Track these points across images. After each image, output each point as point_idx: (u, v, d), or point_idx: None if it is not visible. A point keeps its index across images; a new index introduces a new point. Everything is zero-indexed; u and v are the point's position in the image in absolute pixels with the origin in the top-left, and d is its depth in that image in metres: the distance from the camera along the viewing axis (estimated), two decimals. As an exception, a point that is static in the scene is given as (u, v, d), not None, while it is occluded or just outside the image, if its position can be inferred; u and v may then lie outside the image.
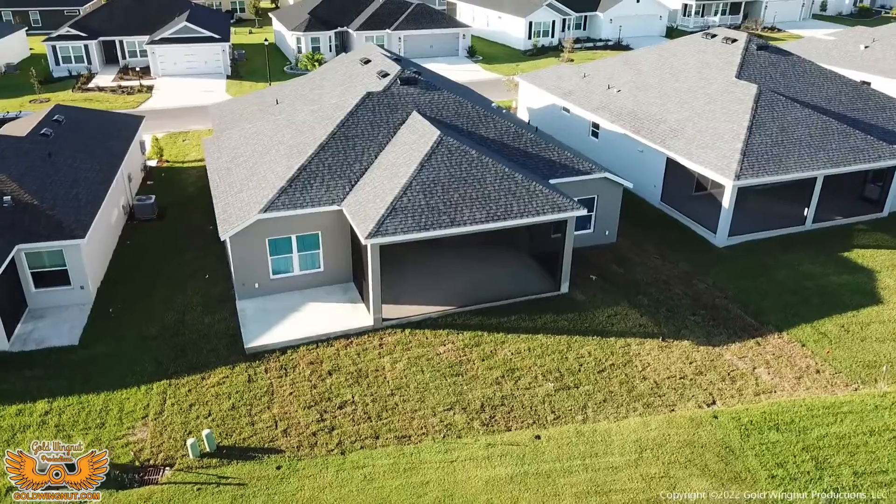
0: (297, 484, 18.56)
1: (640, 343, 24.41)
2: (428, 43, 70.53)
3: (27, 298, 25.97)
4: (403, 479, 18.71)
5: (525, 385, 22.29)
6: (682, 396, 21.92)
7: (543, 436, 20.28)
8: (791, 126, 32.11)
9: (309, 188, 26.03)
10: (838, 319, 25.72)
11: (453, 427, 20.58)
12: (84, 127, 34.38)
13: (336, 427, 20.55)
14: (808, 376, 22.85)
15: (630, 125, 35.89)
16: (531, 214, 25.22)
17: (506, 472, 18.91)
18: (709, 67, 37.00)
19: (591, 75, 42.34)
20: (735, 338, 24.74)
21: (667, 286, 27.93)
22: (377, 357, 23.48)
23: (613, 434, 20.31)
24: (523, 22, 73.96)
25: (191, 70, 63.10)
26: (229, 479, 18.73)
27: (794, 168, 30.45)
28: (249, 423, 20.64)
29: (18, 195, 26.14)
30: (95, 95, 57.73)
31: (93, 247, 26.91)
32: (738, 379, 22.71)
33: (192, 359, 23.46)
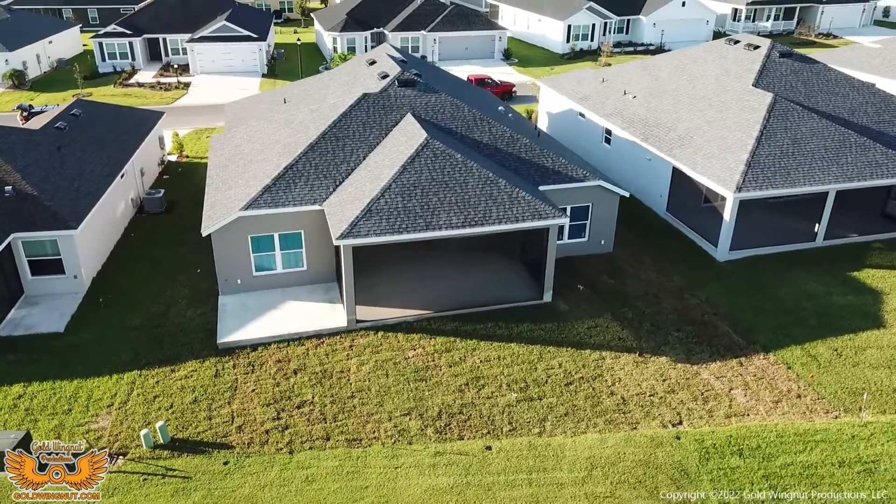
0: (240, 481, 18.71)
1: (615, 357, 23.71)
2: (463, 45, 70.39)
3: (24, 285, 26.99)
4: (344, 482, 18.65)
5: (487, 394, 21.93)
6: (648, 414, 21.18)
7: (495, 447, 19.90)
8: (804, 137, 30.70)
9: (293, 187, 26.26)
10: (833, 342, 24.44)
11: (406, 433, 20.40)
12: (100, 122, 35.56)
13: (290, 426, 20.64)
14: (788, 401, 21.77)
15: (640, 132, 34.98)
16: (510, 221, 24.82)
17: (448, 482, 18.63)
18: (727, 74, 35.73)
19: (610, 80, 41.45)
20: (717, 356, 23.78)
21: (656, 300, 27.07)
22: (345, 359, 23.49)
23: (567, 449, 19.78)
24: (561, 25, 73.04)
25: (228, 68, 64.62)
26: (176, 472, 19.02)
27: (802, 182, 29.10)
28: (207, 418, 20.93)
29: (20, 185, 27.20)
30: (134, 91, 59.74)
31: (89, 237, 27.75)
32: (711, 399, 21.82)
33: (167, 351, 23.95)
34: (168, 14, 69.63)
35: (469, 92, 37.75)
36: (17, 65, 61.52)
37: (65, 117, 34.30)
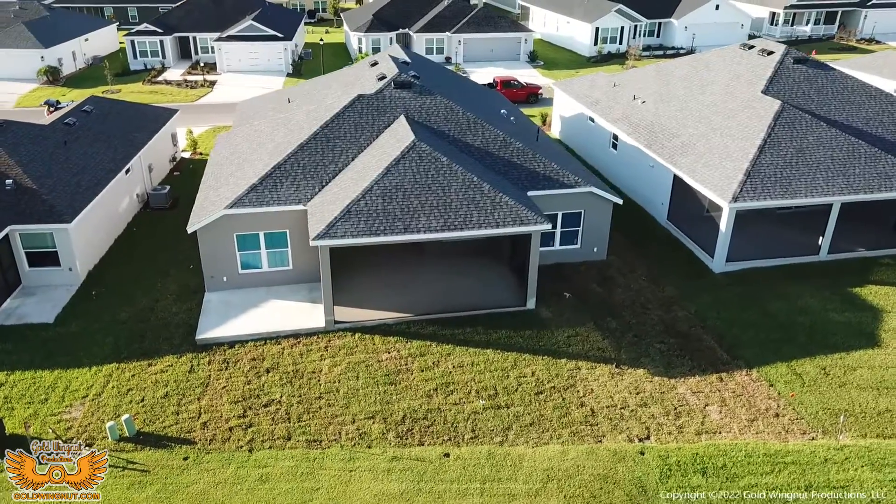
0: (196, 477, 18.92)
1: (591, 367, 23.27)
2: (488, 47, 70.10)
3: (21, 276, 27.78)
4: (296, 483, 18.69)
5: (455, 400, 21.74)
6: (616, 428, 20.71)
7: (453, 454, 19.71)
8: (810, 147, 29.68)
9: (279, 187, 26.47)
10: (822, 360, 23.56)
11: (366, 436, 20.36)
12: (111, 118, 36.41)
13: (254, 425, 20.79)
14: (764, 419, 21.05)
15: (644, 139, 34.30)
16: (491, 226, 24.57)
17: (399, 488, 18.52)
18: (738, 80, 34.77)
19: (622, 85, 40.78)
20: (697, 371, 23.15)
21: (644, 310, 26.49)
22: (318, 359, 23.56)
23: (526, 460, 19.47)
24: (589, 27, 72.16)
25: (254, 67, 65.58)
26: (136, 465, 19.33)
27: (804, 193, 28.13)
28: (175, 413, 21.22)
29: (21, 179, 28.00)
30: (161, 88, 61.07)
31: (85, 231, 28.41)
32: (684, 415, 21.23)
33: (147, 345, 24.37)
34: (199, 13, 71.03)
35: (475, 95, 37.54)
36: (53, 61, 63.42)
37: (76, 113, 35.24)
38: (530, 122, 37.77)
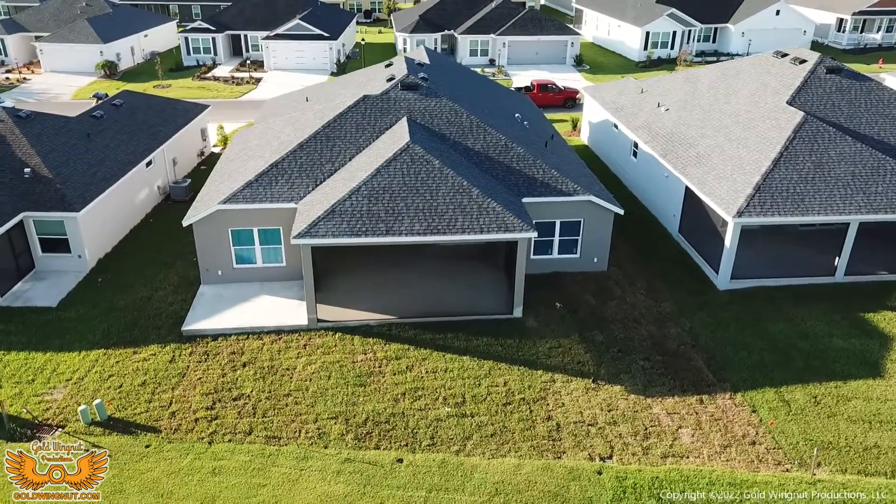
0: (153, 465, 19.37)
1: (566, 381, 22.68)
2: (533, 49, 69.38)
3: (35, 261, 29.10)
4: (246, 478, 18.90)
5: (420, 406, 21.56)
6: (579, 444, 20.11)
7: (407, 460, 19.55)
8: (831, 161, 28.12)
9: (274, 184, 26.85)
10: (815, 388, 22.27)
11: (325, 436, 20.41)
12: (139, 112, 37.72)
13: (220, 417, 21.14)
14: (738, 446, 20.05)
15: (660, 147, 33.26)
16: (475, 231, 24.27)
17: (344, 490, 18.49)
18: (765, 90, 33.27)
19: (649, 91, 39.65)
20: (677, 391, 22.25)
21: (634, 325, 25.65)
22: (295, 357, 23.77)
23: (479, 471, 19.13)
24: (639, 32, 70.48)
25: (299, 65, 66.85)
26: (97, 449, 19.90)
27: (817, 210, 26.66)
28: (147, 401, 21.79)
29: (39, 168, 29.31)
30: (209, 84, 62.97)
31: (95, 220, 29.51)
32: (653, 436, 20.43)
33: (137, 333, 25.11)
34: (252, 11, 72.90)
35: (493, 98, 37.16)
36: (111, 56, 66.25)
37: (104, 106, 36.68)
38: (550, 128, 37.13)
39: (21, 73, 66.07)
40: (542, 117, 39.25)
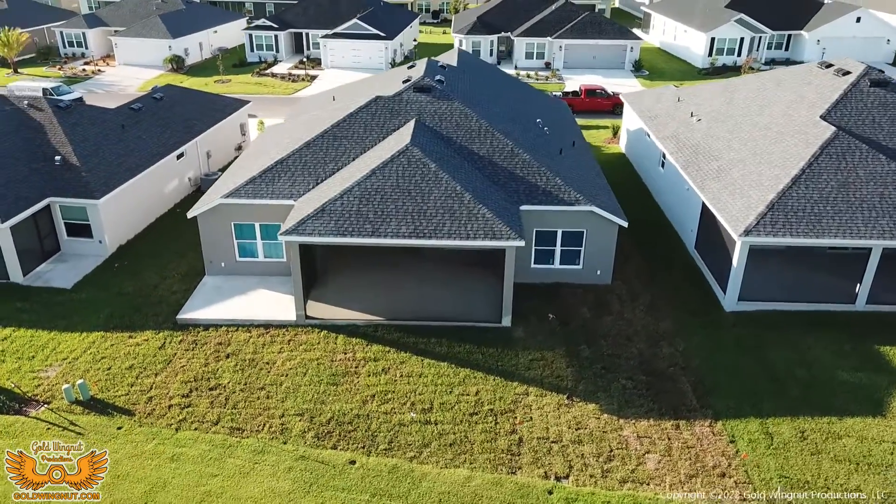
0: (118, 446, 20.10)
1: (540, 395, 22.13)
2: (591, 53, 68.00)
3: (61, 244, 30.76)
4: (201, 466, 19.35)
5: (387, 409, 21.51)
6: (537, 461, 19.59)
7: (360, 462, 19.56)
8: (858, 181, 26.30)
9: (276, 181, 27.38)
10: (805, 422, 20.90)
11: (287, 432, 20.66)
12: (178, 105, 39.26)
13: (192, 405, 21.74)
14: (706, 477, 19.04)
15: (683, 159, 31.98)
16: (462, 237, 24.01)
17: (290, 487, 18.67)
18: (801, 102, 31.43)
19: (686, 100, 38.18)
20: (654, 414, 21.32)
21: (626, 342, 24.76)
22: (277, 352, 24.17)
23: (428, 480, 18.92)
24: (704, 37, 67.95)
25: (355, 64, 67.92)
26: (75, 427, 20.86)
27: (834, 233, 24.98)
28: (130, 384, 22.65)
29: (69, 156, 30.95)
30: (266, 80, 64.84)
31: (117, 208, 30.88)
32: (617, 459, 19.66)
33: (137, 319, 26.13)
34: (315, 10, 74.59)
35: (520, 102, 36.60)
36: (179, 51, 69.26)
37: (145, 99, 38.38)
38: (576, 135, 36.32)
39: (97, 66, 69.93)
40: (570, 124, 38.45)
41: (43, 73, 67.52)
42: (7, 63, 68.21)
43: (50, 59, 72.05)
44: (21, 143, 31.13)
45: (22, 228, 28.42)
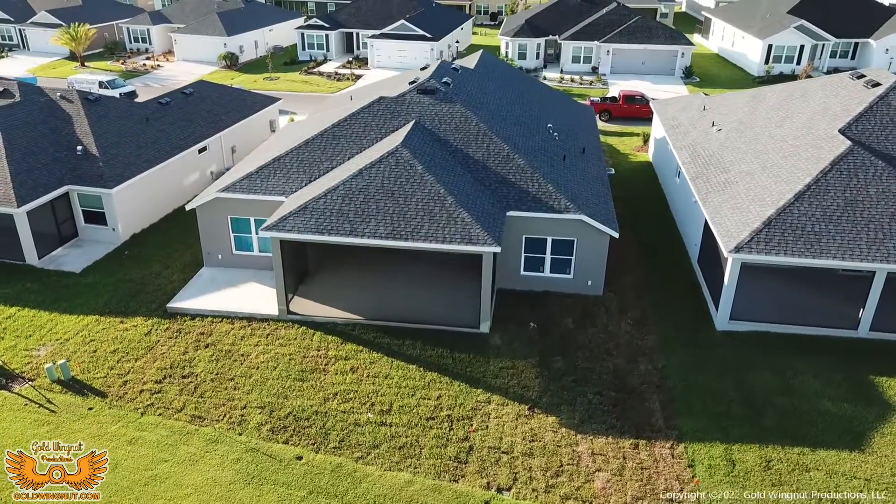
0: (85, 426, 20.96)
1: (502, 403, 21.81)
2: (639, 59, 66.37)
3: (78, 230, 32.29)
4: (155, 451, 19.95)
5: (346, 409, 21.65)
6: (482, 471, 19.32)
7: (307, 459, 19.76)
8: (867, 200, 24.79)
9: (271, 177, 27.96)
10: (773, 451, 19.85)
11: (244, 424, 21.07)
12: (207, 101, 40.56)
13: (162, 391, 22.45)
14: (652, 501, 18.35)
15: (694, 170, 30.87)
16: (438, 241, 23.92)
17: (232, 478, 19.04)
18: (824, 114, 29.83)
19: (712, 109, 36.85)
20: (614, 432, 20.69)
21: (604, 356, 24.10)
22: (253, 345, 24.66)
23: (367, 481, 18.95)
24: (760, 44, 65.27)
25: (400, 64, 68.41)
26: (50, 405, 21.88)
27: (833, 254, 23.60)
28: (110, 368, 23.57)
29: (91, 147, 32.45)
30: (313, 78, 66.19)
31: (131, 198, 32.16)
32: (565, 475, 19.18)
33: (132, 305, 27.16)
34: (367, 10, 75.63)
35: (535, 107, 36.10)
36: (234, 48, 71.51)
37: (174, 94, 39.81)
38: (592, 142, 35.58)
39: (157, 61, 72.98)
40: (590, 130, 37.67)
41: (107, 66, 70.99)
42: (76, 57, 72.03)
43: (115, 53, 75.64)
44: (48, 133, 32.82)
45: (39, 213, 29.97)
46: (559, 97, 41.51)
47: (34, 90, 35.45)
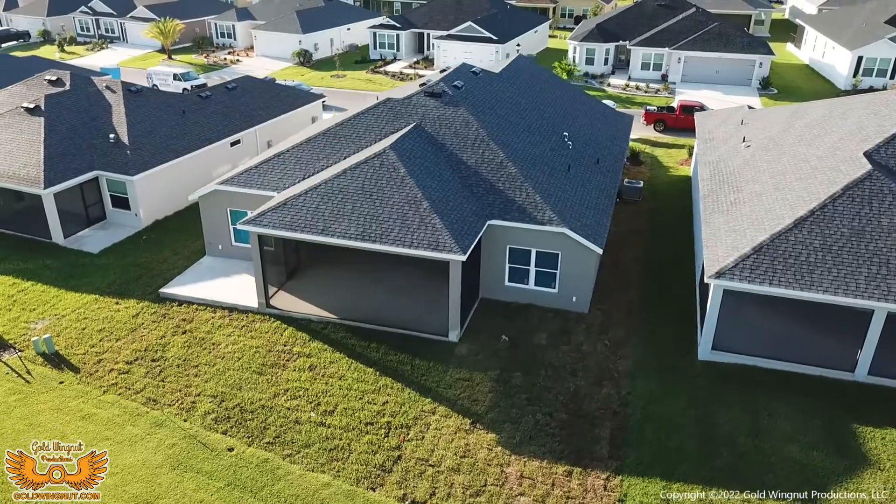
0: (50, 399, 22.24)
1: (445, 415, 21.37)
2: (713, 68, 63.13)
3: (106, 214, 34.30)
4: (100, 430, 20.89)
5: (292, 406, 21.88)
6: (403, 482, 19.02)
7: (238, 451, 20.14)
8: (877, 231, 22.53)
9: (269, 173, 28.62)
10: (718, 495, 18.45)
11: (193, 411, 21.71)
12: (247, 96, 42.00)
13: (129, 372, 23.49)
14: (567, 534, 17.47)
15: (707, 188, 29.10)
16: (405, 245, 23.74)
17: (160, 462, 19.67)
18: (856, 134, 27.37)
19: (751, 123, 34.61)
20: (552, 456, 19.83)
21: (570, 376, 23.14)
22: (227, 335, 25.35)
23: (287, 479, 19.09)
24: (849, 56, 60.58)
25: (465, 66, 68.22)
26: (28, 376, 23.37)
27: (825, 287, 21.59)
28: (92, 346, 24.90)
29: (123, 136, 34.37)
30: (377, 77, 67.23)
31: (154, 185, 33.77)
32: (484, 494, 18.58)
33: (131, 287, 28.57)
34: (439, 11, 75.96)
35: (557, 116, 35.09)
36: (308, 46, 73.67)
37: (216, 88, 41.49)
38: (614, 153, 34.24)
39: (237, 56, 76.33)
40: (619, 139, 36.26)
41: (191, 60, 74.97)
42: (164, 49, 76.50)
43: (202, 48, 79.70)
44: (88, 121, 35.02)
45: (66, 195, 32.05)
46: (594, 105, 40.15)
47: (84, 81, 37.87)
